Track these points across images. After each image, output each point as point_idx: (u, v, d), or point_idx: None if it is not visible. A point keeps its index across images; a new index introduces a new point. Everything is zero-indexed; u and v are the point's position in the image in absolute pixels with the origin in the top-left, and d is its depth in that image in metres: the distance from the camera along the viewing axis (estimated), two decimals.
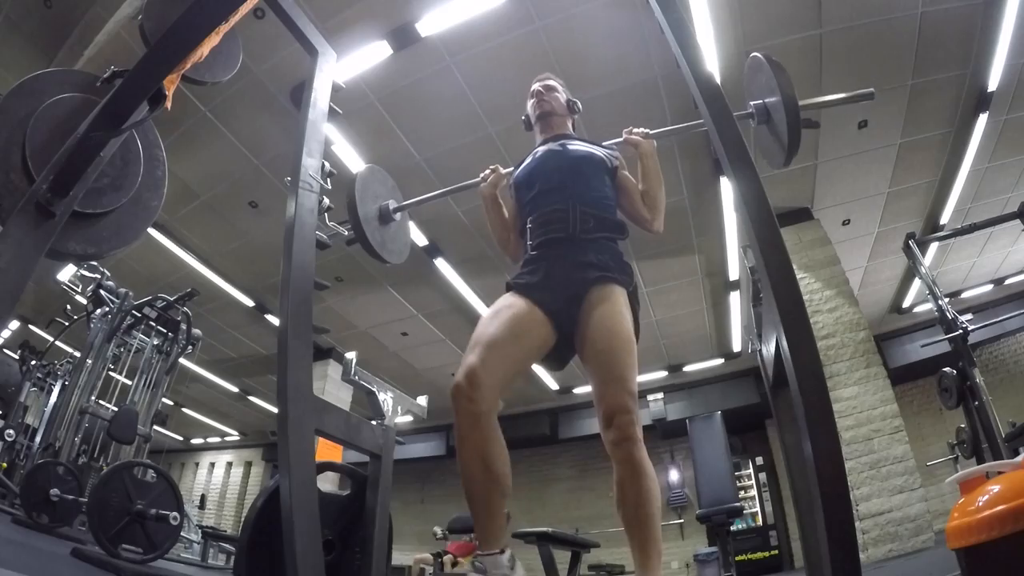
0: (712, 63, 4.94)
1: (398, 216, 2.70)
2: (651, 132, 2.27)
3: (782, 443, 1.85)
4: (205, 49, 1.75)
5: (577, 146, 2.24)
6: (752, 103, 2.07)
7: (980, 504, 1.45)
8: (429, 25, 4.69)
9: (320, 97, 2.22)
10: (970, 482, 1.57)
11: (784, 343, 1.08)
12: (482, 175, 2.39)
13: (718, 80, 1.57)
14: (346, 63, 4.80)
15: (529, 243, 2.10)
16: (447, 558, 5.54)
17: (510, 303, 1.92)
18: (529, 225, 2.12)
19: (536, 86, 2.46)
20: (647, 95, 5.27)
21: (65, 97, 1.80)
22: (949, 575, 1.65)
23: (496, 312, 1.90)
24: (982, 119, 5.91)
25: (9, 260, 1.46)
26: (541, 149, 2.27)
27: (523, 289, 1.96)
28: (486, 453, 1.71)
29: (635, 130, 2.29)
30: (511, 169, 2.36)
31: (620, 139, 2.31)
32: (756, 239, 1.21)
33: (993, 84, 5.50)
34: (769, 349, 1.92)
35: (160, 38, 1.58)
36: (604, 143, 2.32)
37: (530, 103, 2.45)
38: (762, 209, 1.23)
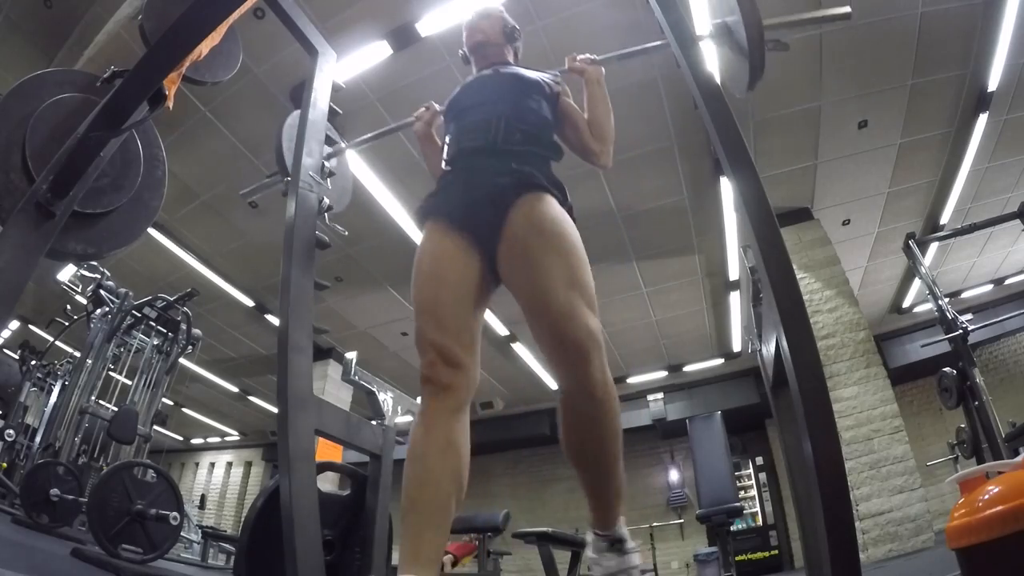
0: (712, 63, 4.94)
1: (333, 162, 2.47)
2: (598, 58, 2.05)
3: (783, 443, 1.85)
4: (205, 49, 1.75)
5: (511, 69, 2.00)
6: (712, 22, 1.91)
7: (980, 504, 1.45)
8: (429, 25, 4.68)
9: (320, 97, 2.23)
10: (970, 482, 1.57)
11: (784, 343, 1.08)
12: (416, 114, 2.20)
13: (717, 80, 1.57)
14: (346, 63, 4.79)
15: (444, 159, 1.83)
16: (447, 558, 5.52)
17: (436, 242, 1.62)
18: (446, 141, 1.86)
19: (470, 17, 2.18)
20: (647, 95, 5.27)
21: (65, 97, 1.81)
22: (951, 574, 1.65)
23: (430, 263, 1.59)
24: (982, 119, 5.91)
25: (9, 260, 1.47)
26: (471, 78, 2.05)
27: (438, 212, 1.67)
28: (458, 455, 1.38)
29: (579, 56, 2.06)
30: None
31: (564, 68, 2.07)
32: (756, 238, 1.21)
33: (993, 84, 5.51)
34: (769, 349, 1.92)
35: (160, 38, 1.58)
36: (548, 71, 2.06)
37: (464, 35, 2.18)
38: (762, 208, 1.23)
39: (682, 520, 10.93)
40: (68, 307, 6.97)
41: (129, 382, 5.95)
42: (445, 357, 1.44)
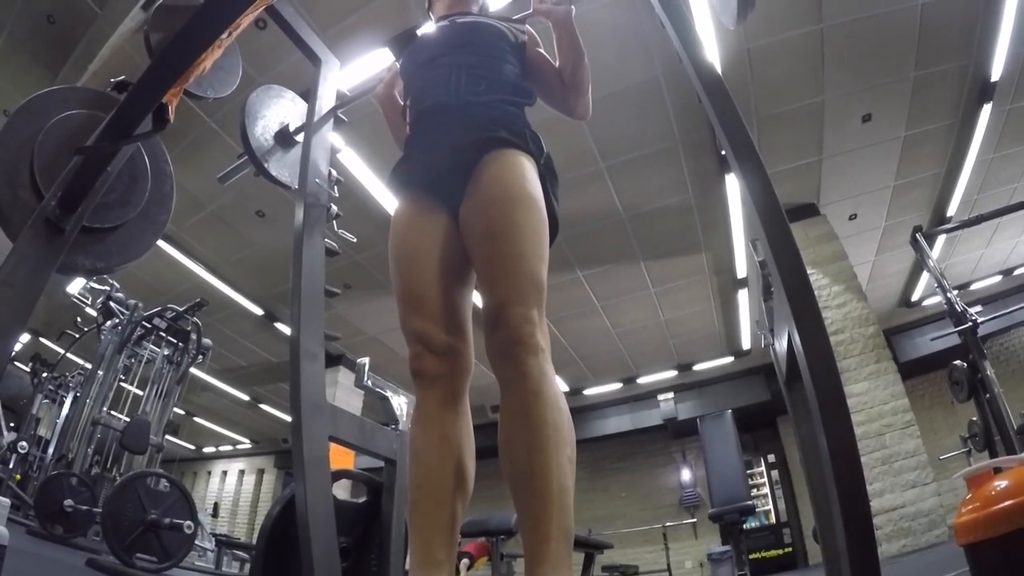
0: (714, 60, 4.93)
1: (301, 137, 2.34)
2: None
3: (797, 438, 1.83)
4: (208, 62, 1.76)
5: (469, 18, 1.84)
6: None
7: (986, 500, 1.44)
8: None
9: (324, 105, 2.24)
10: (977, 478, 1.56)
11: (796, 336, 1.08)
12: (378, 75, 2.10)
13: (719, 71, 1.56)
14: (349, 71, 4.80)
15: (407, 123, 1.72)
16: (463, 561, 5.49)
17: (408, 220, 1.52)
18: (408, 102, 1.74)
19: None
20: (649, 94, 5.26)
21: (72, 114, 1.82)
22: (963, 570, 1.64)
23: (404, 245, 1.50)
24: (986, 109, 5.88)
25: (21, 277, 1.48)
26: (426, 30, 1.90)
27: (408, 184, 1.57)
28: (455, 449, 1.32)
29: None
30: None
31: (528, 11, 1.85)
32: (764, 231, 1.19)
33: (996, 73, 5.47)
34: (781, 343, 1.90)
35: (164, 48, 1.59)
36: (511, 18, 1.90)
37: None
38: (769, 199, 1.21)
39: (695, 519, 10.89)
40: (78, 319, 7.03)
41: (140, 393, 5.99)
42: (431, 345, 1.37)
